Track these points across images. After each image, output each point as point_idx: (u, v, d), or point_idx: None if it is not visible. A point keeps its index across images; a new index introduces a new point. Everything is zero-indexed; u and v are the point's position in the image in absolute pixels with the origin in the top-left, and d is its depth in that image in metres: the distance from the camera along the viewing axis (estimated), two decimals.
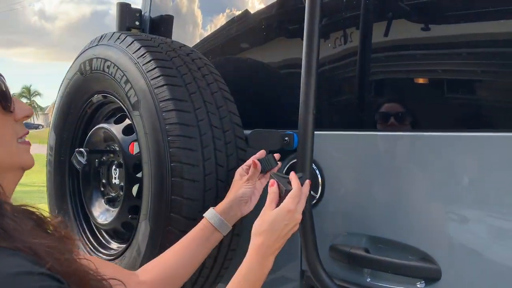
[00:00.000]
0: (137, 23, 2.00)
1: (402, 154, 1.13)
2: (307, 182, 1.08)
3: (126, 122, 1.48)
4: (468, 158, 1.01)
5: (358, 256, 1.15)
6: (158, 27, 2.00)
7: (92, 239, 1.61)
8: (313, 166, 1.17)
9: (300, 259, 1.28)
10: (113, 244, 1.54)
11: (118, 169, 1.52)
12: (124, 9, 1.97)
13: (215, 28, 1.82)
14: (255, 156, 1.22)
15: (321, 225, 1.13)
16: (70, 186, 1.69)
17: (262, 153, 1.23)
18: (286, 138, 1.25)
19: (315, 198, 1.24)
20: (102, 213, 1.56)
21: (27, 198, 0.82)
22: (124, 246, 1.42)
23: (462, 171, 1.02)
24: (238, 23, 1.70)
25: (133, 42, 1.35)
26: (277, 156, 1.21)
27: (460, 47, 1.11)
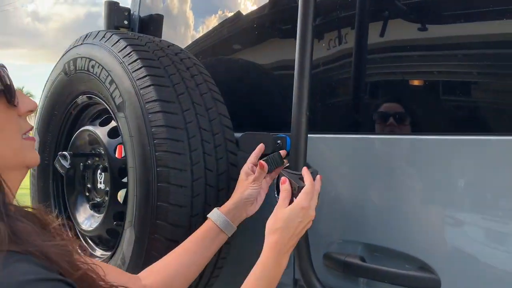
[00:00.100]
0: (125, 22, 1.99)
1: (400, 158, 1.11)
2: (319, 177, 1.07)
3: (112, 124, 1.45)
4: (468, 163, 0.99)
5: (353, 264, 1.12)
6: (147, 27, 1.99)
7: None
8: None
9: (293, 268, 1.25)
10: (97, 251, 1.50)
11: (103, 173, 1.49)
12: (112, 7, 1.96)
13: (206, 28, 1.81)
14: (255, 152, 1.19)
15: (315, 232, 1.11)
16: (54, 191, 1.66)
17: (261, 147, 1.20)
18: (278, 141, 1.22)
19: None
20: (87, 219, 1.53)
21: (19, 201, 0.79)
22: (109, 254, 1.39)
23: (462, 176, 1.00)
24: (230, 23, 1.69)
25: (118, 40, 1.32)
26: (283, 153, 1.19)
27: (459, 48, 1.10)
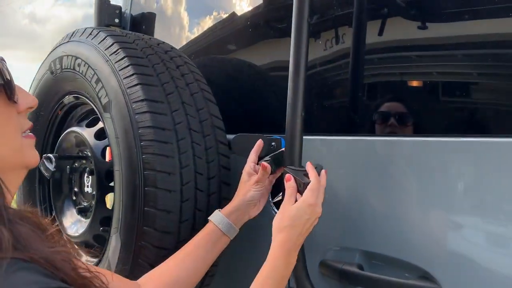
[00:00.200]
0: (116, 21, 1.96)
1: (401, 161, 1.07)
2: (324, 172, 1.05)
3: (99, 125, 1.41)
4: (472, 166, 0.96)
5: (350, 273, 1.09)
6: (139, 25, 1.98)
7: None
8: None
9: None
10: (83, 258, 1.44)
11: (90, 176, 1.44)
12: (102, 5, 1.93)
13: (199, 27, 1.78)
14: (254, 150, 1.17)
15: (310, 238, 1.07)
16: (40, 195, 1.61)
17: (260, 144, 1.17)
18: (273, 143, 1.20)
19: None
20: (74, 224, 1.48)
21: None
22: (95, 261, 1.34)
23: (465, 181, 0.97)
24: (223, 22, 1.65)
25: (105, 38, 1.27)
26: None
27: (460, 48, 1.07)
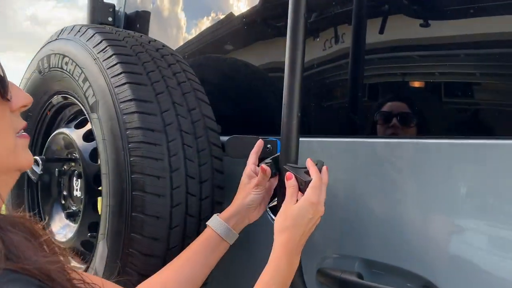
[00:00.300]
0: (110, 19, 1.92)
1: (402, 165, 1.04)
2: (325, 169, 1.03)
3: (88, 126, 1.36)
4: (477, 171, 0.92)
5: (349, 282, 1.07)
6: (133, 24, 1.96)
7: None
8: None
9: None
10: (71, 263, 1.39)
11: (79, 180, 1.40)
12: (95, 3, 1.89)
13: (195, 26, 1.75)
14: (254, 150, 1.14)
15: (307, 245, 1.04)
16: (29, 198, 1.58)
17: (260, 144, 1.14)
18: (268, 146, 1.17)
19: None
20: (62, 228, 1.44)
21: None
22: (83, 268, 1.30)
23: (471, 186, 0.93)
24: (219, 21, 1.62)
25: (94, 35, 1.23)
26: None
27: (464, 47, 1.03)
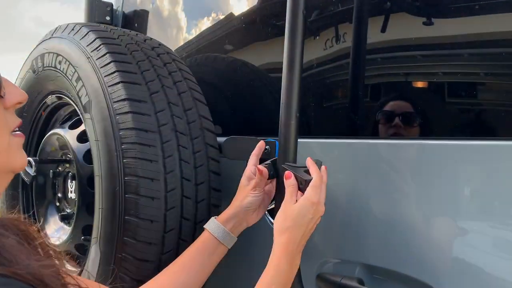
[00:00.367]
0: (107, 18, 1.91)
1: (404, 167, 1.02)
2: (324, 168, 1.02)
3: (82, 127, 1.32)
4: (481, 173, 0.90)
5: (350, 287, 1.05)
6: (131, 23, 1.95)
7: None
8: None
9: None
10: (66, 266, 1.36)
11: (74, 181, 1.37)
12: (93, 2, 1.86)
13: (193, 25, 1.73)
14: (255, 152, 1.11)
15: (306, 250, 1.02)
16: (24, 200, 1.56)
17: (261, 146, 1.11)
18: (267, 147, 1.14)
19: None
20: (56, 231, 1.42)
21: None
22: (76, 272, 1.26)
23: (474, 190, 0.91)
24: (217, 21, 1.60)
25: (88, 33, 1.21)
26: None
27: (468, 46, 1.01)
